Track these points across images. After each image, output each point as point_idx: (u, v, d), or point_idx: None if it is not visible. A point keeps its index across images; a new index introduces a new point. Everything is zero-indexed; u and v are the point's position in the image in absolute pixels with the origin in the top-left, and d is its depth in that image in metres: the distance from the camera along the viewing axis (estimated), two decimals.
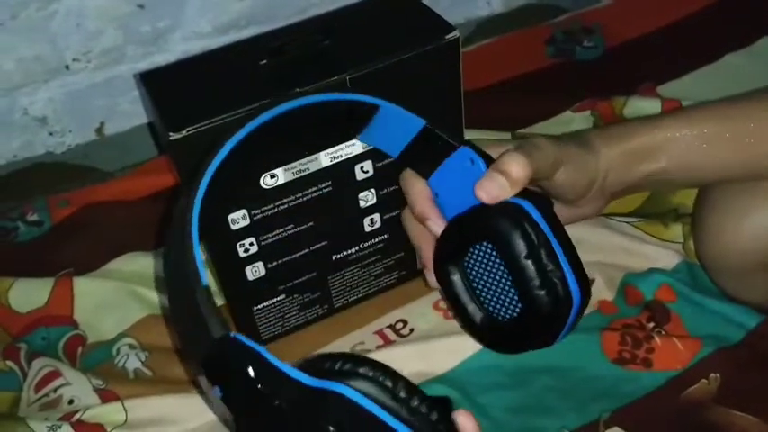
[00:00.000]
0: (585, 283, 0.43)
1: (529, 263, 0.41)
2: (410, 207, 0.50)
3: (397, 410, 0.33)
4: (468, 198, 0.45)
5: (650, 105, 0.73)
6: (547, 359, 0.53)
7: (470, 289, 0.46)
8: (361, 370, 0.33)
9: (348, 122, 0.48)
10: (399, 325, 0.58)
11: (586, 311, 0.57)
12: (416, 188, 0.49)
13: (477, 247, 0.45)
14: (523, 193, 0.44)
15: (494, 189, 0.43)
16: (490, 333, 0.46)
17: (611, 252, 0.60)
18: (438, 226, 0.47)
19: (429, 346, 0.55)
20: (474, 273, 0.45)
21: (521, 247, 0.41)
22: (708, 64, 0.80)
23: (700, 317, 0.55)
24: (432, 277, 0.48)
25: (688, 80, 0.78)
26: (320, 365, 0.34)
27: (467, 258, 0.45)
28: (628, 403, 0.51)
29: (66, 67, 0.73)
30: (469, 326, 0.47)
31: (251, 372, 0.33)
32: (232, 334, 0.34)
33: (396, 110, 0.47)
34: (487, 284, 0.45)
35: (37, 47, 0.71)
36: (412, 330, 0.58)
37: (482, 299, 0.45)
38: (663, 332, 0.55)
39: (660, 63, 0.81)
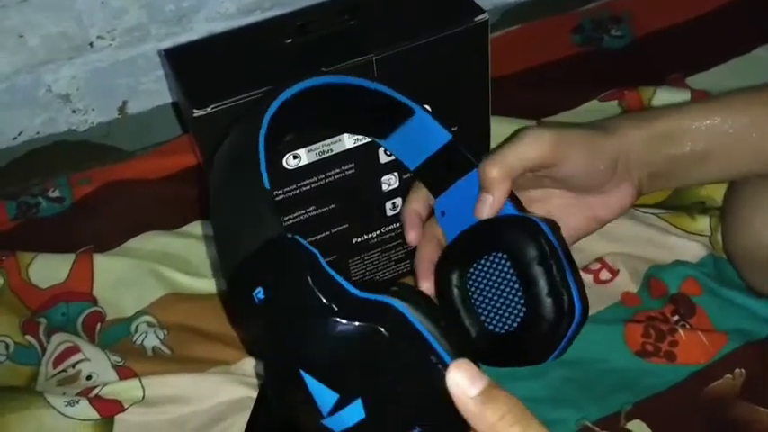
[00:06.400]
0: (586, 303, 0.43)
1: (540, 270, 0.42)
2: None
3: (437, 335, 0.33)
4: (473, 218, 0.45)
5: (679, 96, 0.72)
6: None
7: (468, 304, 0.45)
8: (411, 296, 0.34)
9: (383, 117, 0.47)
10: None
11: (610, 302, 0.57)
12: (411, 206, 0.49)
13: (482, 260, 0.45)
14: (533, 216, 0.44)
15: (484, 209, 0.44)
16: (485, 346, 0.45)
17: (637, 243, 0.59)
18: (413, 240, 0.48)
19: None
20: (475, 287, 0.45)
21: (532, 254, 0.42)
22: (738, 56, 0.78)
23: (725, 311, 0.54)
24: (427, 285, 0.48)
25: (717, 72, 0.77)
26: (371, 287, 0.34)
27: (469, 272, 0.45)
28: (650, 396, 0.50)
29: (91, 45, 0.73)
30: (464, 339, 0.46)
31: (309, 276, 0.33)
32: (290, 235, 0.34)
33: (427, 119, 0.46)
34: (488, 298, 0.45)
35: (62, 24, 0.71)
36: None
37: (479, 313, 0.45)
38: (687, 325, 0.54)
39: (689, 54, 0.79)
